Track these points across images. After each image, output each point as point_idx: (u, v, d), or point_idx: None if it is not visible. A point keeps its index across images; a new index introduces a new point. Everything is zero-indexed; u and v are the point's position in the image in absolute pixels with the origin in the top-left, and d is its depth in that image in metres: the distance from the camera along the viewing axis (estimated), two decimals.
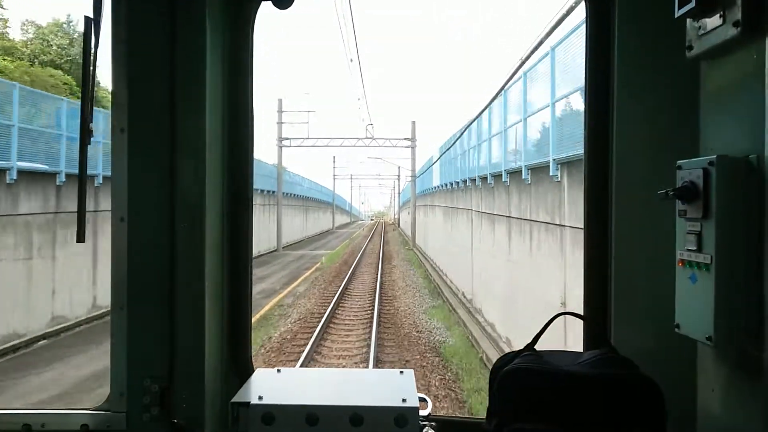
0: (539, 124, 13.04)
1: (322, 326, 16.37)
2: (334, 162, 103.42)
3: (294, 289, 24.65)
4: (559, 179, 11.08)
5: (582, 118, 2.90)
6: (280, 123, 45.20)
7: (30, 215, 16.37)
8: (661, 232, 1.78)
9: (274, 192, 43.82)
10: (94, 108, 2.06)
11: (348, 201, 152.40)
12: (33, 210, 16.50)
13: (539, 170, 12.30)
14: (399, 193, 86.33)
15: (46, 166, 17.27)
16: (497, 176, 16.14)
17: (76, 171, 2.09)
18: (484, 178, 18.23)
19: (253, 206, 2.40)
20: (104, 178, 18.28)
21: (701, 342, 1.53)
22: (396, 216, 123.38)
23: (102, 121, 14.90)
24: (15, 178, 15.68)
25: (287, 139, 45.46)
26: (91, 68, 2.01)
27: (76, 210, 2.08)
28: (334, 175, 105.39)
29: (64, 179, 17.58)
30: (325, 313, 18.25)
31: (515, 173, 14.30)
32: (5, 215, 15.40)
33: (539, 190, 12.48)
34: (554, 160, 11.12)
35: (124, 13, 2.06)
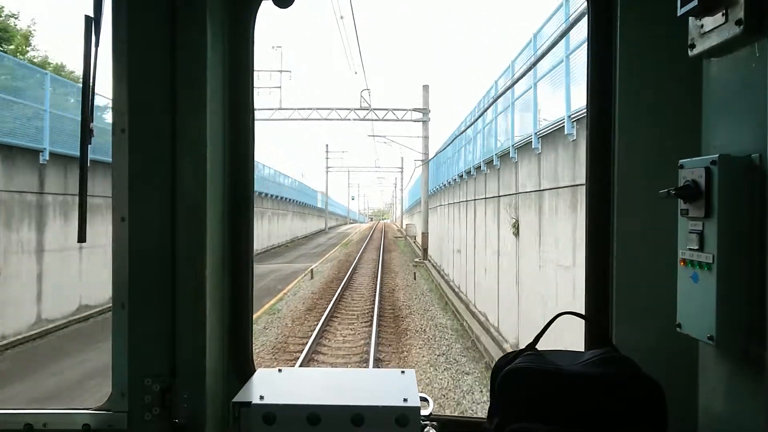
0: None
1: None
2: (326, 150, 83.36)
3: None
4: None
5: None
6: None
7: None
8: (663, 232, 1.78)
9: None
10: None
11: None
12: None
13: None
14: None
15: None
16: None
17: None
18: None
19: None
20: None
21: (703, 341, 1.53)
22: (403, 223, 78.36)
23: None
24: None
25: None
26: (92, 68, 2.01)
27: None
28: (327, 168, 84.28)
29: None
30: None
31: None
32: None
33: None
34: None
35: (125, 12, 2.06)
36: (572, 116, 10.18)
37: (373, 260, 37.19)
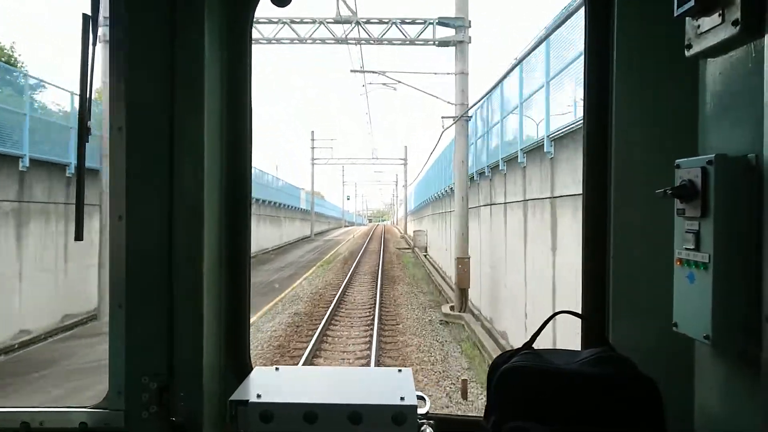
0: None
1: None
2: (312, 138, 72.13)
3: None
4: None
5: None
6: None
7: None
8: (660, 231, 1.78)
9: None
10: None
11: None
12: None
13: None
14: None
15: None
16: None
17: None
18: None
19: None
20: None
21: (699, 341, 1.54)
22: (408, 229, 66.72)
23: None
24: None
25: None
26: (89, 66, 2.01)
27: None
28: (313, 160, 71.97)
29: None
30: None
31: None
32: None
33: None
34: None
35: (122, 10, 2.06)
36: None
37: (365, 308, 18.80)
